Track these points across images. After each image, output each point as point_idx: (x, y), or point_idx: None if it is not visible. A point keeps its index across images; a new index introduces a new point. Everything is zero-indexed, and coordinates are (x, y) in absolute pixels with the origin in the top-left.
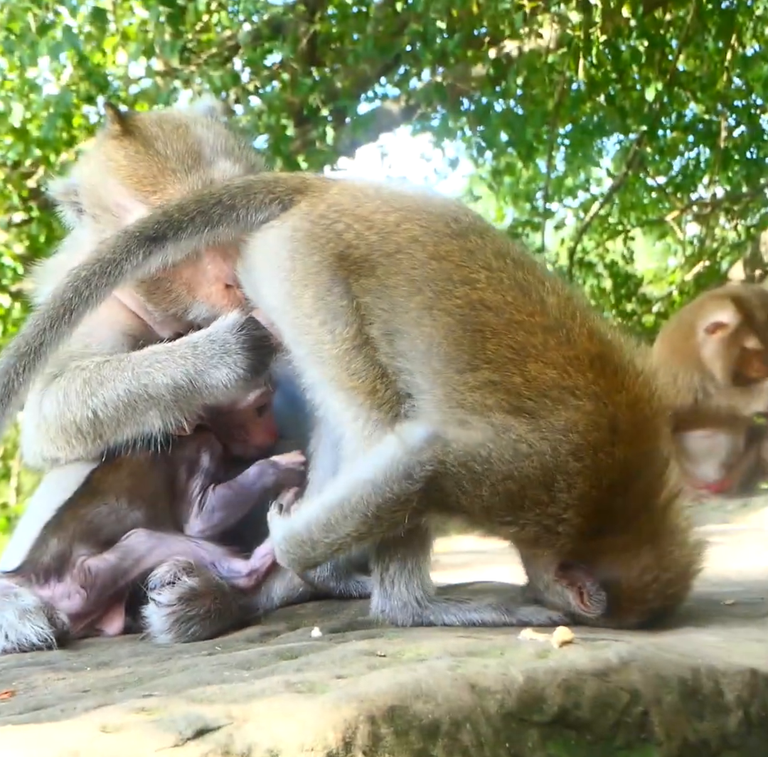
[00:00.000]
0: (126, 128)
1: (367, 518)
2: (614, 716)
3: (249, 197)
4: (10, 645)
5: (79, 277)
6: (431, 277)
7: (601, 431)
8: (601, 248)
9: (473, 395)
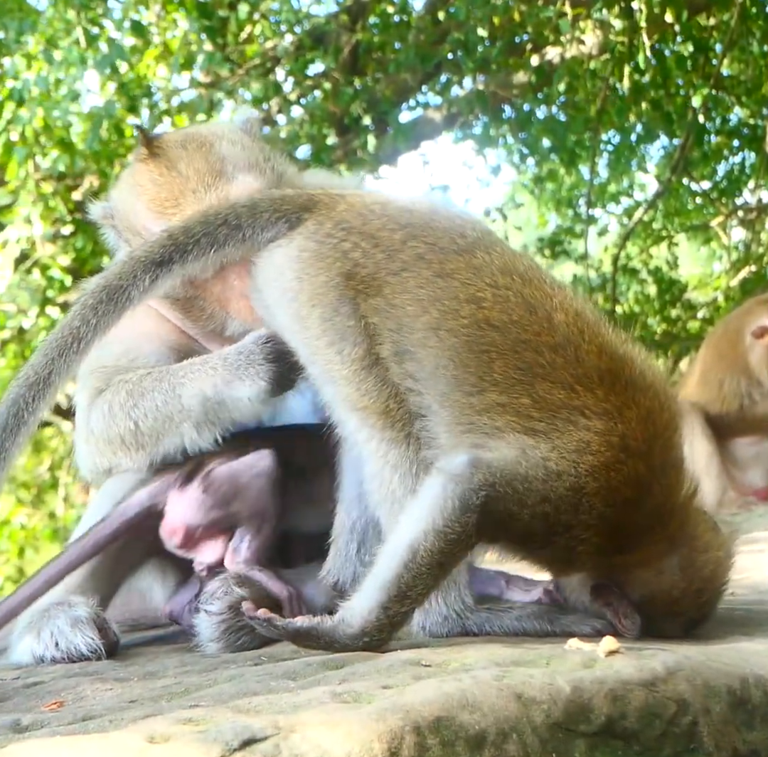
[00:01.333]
0: (152, 151)
1: (434, 568)
2: (662, 726)
3: (255, 216)
4: (60, 655)
5: (87, 305)
6: (437, 296)
7: (613, 450)
8: (645, 254)
9: (481, 418)
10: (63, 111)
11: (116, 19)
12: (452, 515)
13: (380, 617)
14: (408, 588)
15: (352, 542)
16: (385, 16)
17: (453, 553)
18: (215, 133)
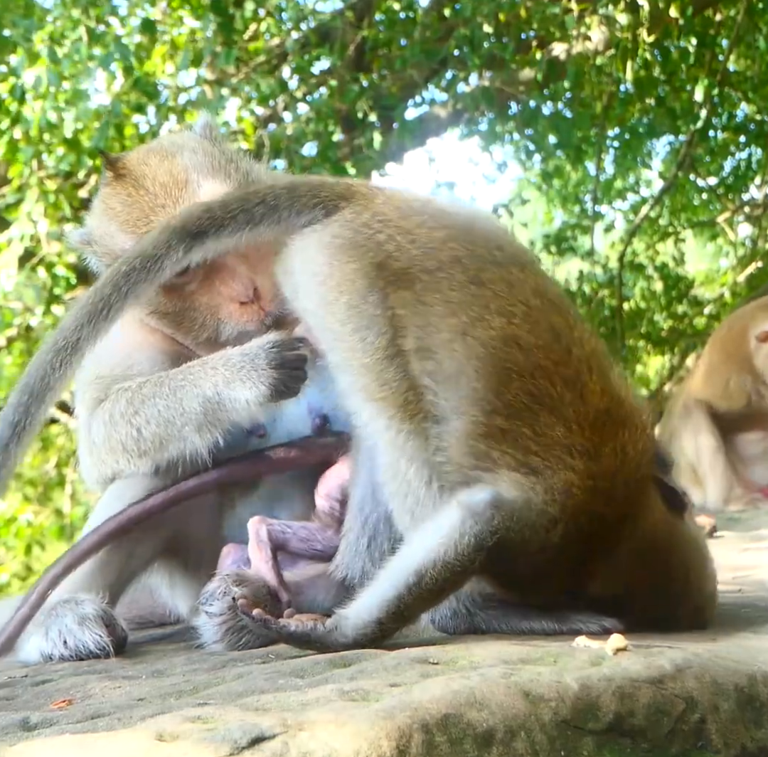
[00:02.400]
0: (117, 173)
1: (434, 594)
2: (670, 723)
3: (293, 199)
4: (68, 652)
5: (119, 272)
6: (469, 302)
7: (586, 494)
8: (651, 250)
9: (483, 442)
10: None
11: (122, 16)
12: (465, 550)
13: (375, 631)
14: (405, 608)
15: (362, 538)
16: (391, 12)
17: (455, 582)
18: (176, 144)
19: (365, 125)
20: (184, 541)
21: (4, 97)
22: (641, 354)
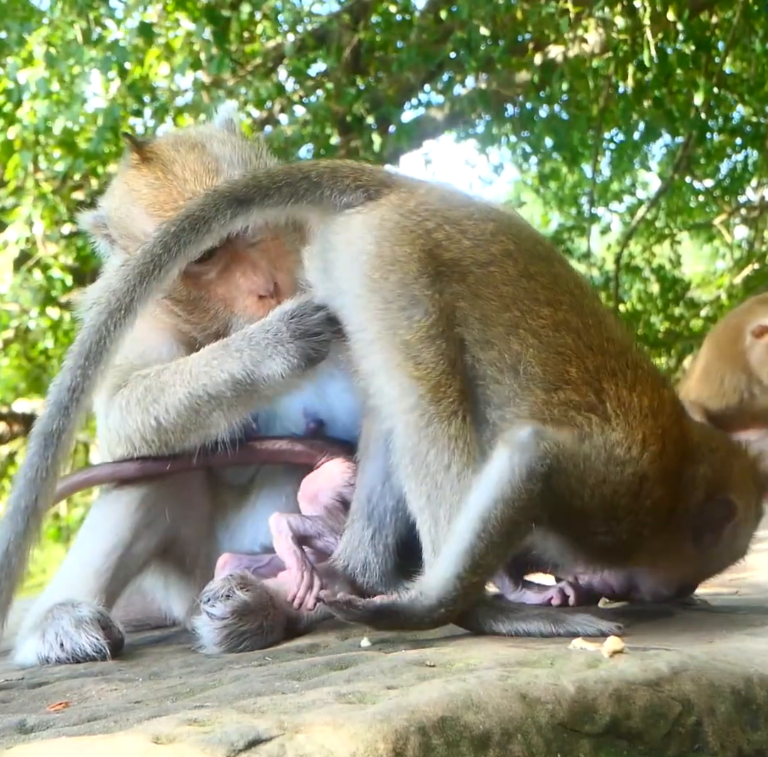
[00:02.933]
0: (144, 156)
1: (504, 537)
2: (666, 726)
3: (336, 179)
4: (65, 655)
5: (168, 232)
6: (520, 295)
7: (660, 442)
8: (647, 252)
9: (558, 410)
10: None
11: (118, 18)
12: (519, 482)
13: (457, 587)
14: (480, 558)
15: (368, 529)
16: (388, 15)
17: (520, 522)
18: (204, 134)
19: (362, 128)
20: (178, 544)
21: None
22: None
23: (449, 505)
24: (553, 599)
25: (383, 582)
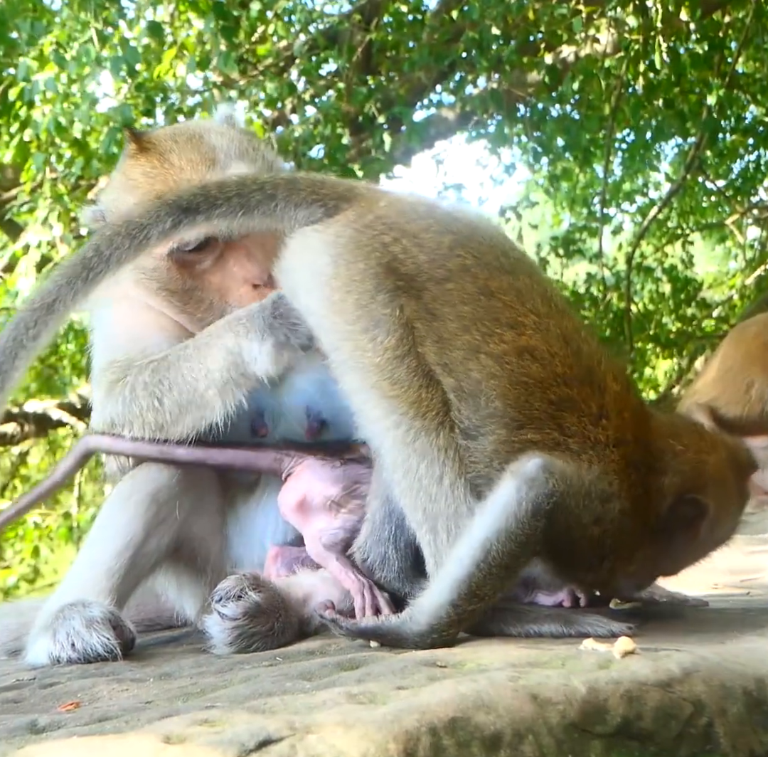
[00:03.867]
0: (141, 146)
1: (503, 569)
2: (678, 727)
3: (292, 191)
4: (76, 655)
5: (103, 236)
6: (480, 315)
7: (628, 470)
8: (659, 253)
9: (520, 448)
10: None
11: (130, 19)
12: (525, 517)
13: (450, 613)
14: (477, 587)
15: (388, 524)
16: (399, 15)
17: (520, 556)
18: (202, 127)
19: (373, 128)
20: (190, 542)
21: (12, 100)
22: (650, 357)
23: (446, 517)
24: (564, 600)
25: (401, 578)
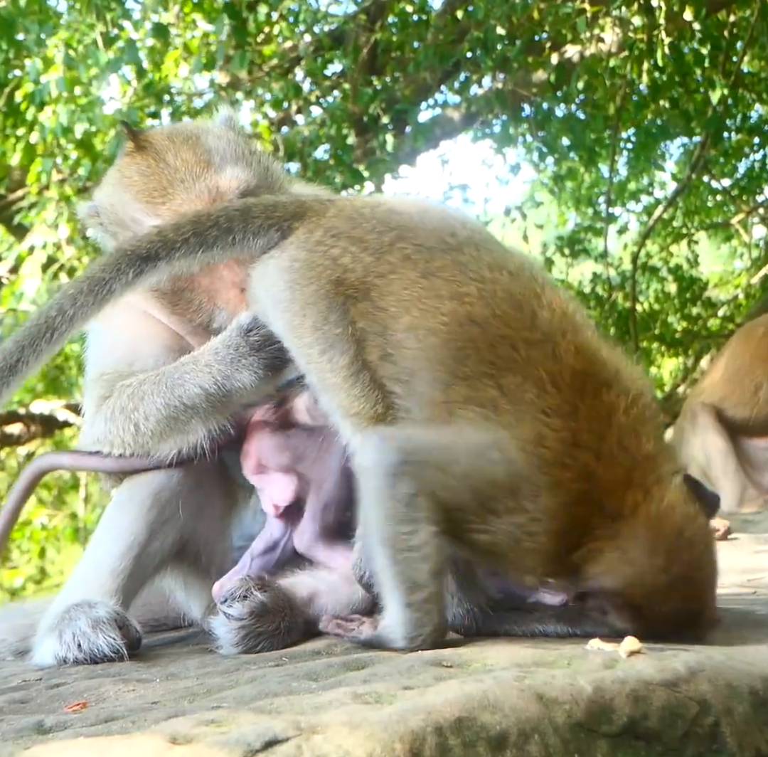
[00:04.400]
0: (138, 144)
1: (416, 551)
2: (684, 726)
3: (247, 221)
4: (83, 656)
5: (66, 294)
6: (420, 295)
7: (564, 446)
8: (665, 252)
9: (446, 409)
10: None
11: (135, 20)
12: (383, 492)
13: (410, 616)
14: (409, 577)
15: None
16: (404, 15)
17: (415, 528)
18: (200, 128)
19: (378, 128)
20: (194, 542)
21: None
22: (655, 356)
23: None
24: (568, 602)
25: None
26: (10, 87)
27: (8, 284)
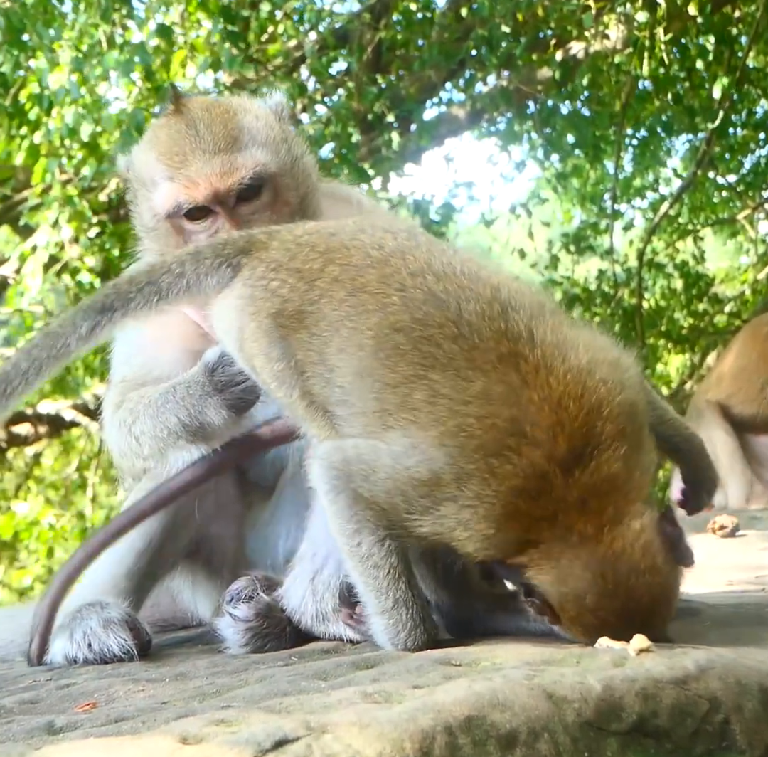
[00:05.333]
0: (177, 108)
1: (378, 554)
2: (693, 724)
3: (198, 263)
4: (92, 656)
5: (23, 349)
6: (348, 314)
7: (496, 433)
8: (671, 249)
9: (380, 418)
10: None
11: (140, 19)
12: (335, 506)
13: (392, 625)
14: (380, 584)
15: (309, 569)
16: (409, 13)
17: (361, 542)
18: (242, 106)
19: (383, 126)
20: (207, 543)
21: (23, 103)
22: (661, 352)
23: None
24: None
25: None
26: (16, 87)
27: (13, 285)
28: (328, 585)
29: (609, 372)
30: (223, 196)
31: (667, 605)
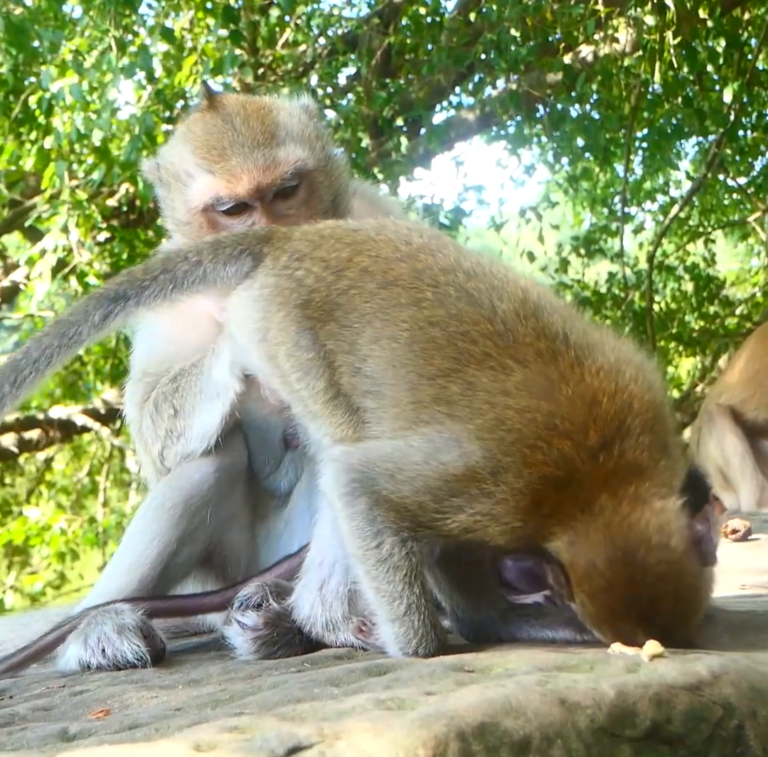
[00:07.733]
0: (212, 103)
1: (390, 564)
2: (708, 730)
3: (217, 251)
4: (106, 662)
5: (35, 338)
6: (380, 306)
7: (533, 427)
8: (681, 251)
9: (414, 410)
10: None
11: (150, 26)
12: (346, 512)
13: (402, 633)
14: (389, 593)
15: (317, 578)
16: (418, 17)
17: (381, 544)
18: (275, 103)
19: (393, 131)
20: (221, 551)
21: (33, 108)
22: (672, 355)
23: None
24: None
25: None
26: (26, 93)
27: (24, 290)
28: (337, 593)
29: (637, 373)
30: (264, 191)
31: (687, 593)
